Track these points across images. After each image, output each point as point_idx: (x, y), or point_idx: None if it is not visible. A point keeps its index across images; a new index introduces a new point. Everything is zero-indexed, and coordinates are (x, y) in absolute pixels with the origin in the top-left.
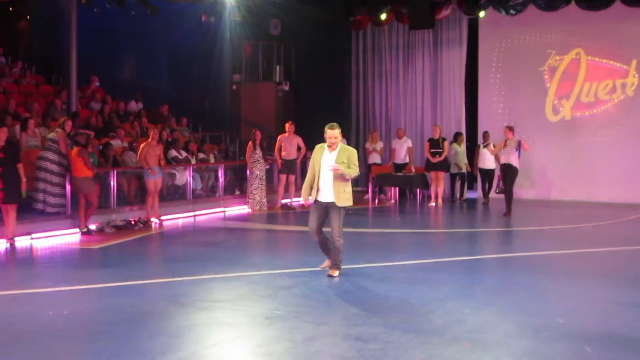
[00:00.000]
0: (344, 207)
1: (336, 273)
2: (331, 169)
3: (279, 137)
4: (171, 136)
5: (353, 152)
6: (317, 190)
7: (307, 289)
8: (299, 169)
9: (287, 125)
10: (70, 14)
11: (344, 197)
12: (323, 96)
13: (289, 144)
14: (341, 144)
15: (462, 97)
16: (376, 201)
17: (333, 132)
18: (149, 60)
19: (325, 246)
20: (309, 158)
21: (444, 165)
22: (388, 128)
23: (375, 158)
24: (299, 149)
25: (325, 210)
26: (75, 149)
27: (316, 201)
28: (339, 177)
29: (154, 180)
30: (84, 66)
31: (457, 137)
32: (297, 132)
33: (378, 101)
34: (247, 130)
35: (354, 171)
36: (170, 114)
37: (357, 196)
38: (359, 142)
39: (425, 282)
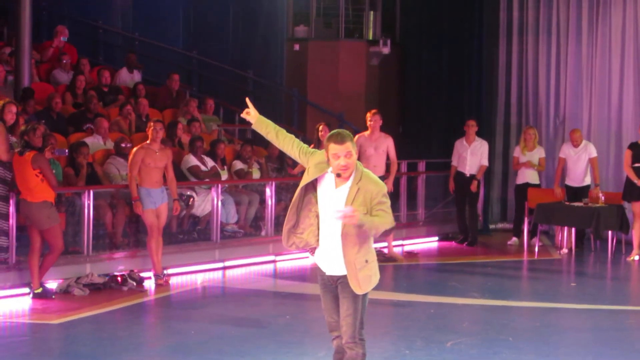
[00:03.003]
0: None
1: None
2: (339, 216)
3: (356, 137)
4: (188, 132)
5: (378, 187)
6: (316, 245)
7: None
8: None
9: (368, 115)
10: None
11: (364, 276)
12: (448, 66)
13: (372, 149)
14: (359, 168)
15: None
16: (536, 249)
17: (343, 147)
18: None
19: None
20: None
21: None
22: (561, 125)
23: (529, 176)
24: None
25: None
26: (27, 155)
27: (319, 270)
28: (356, 232)
29: (155, 209)
30: (44, 8)
31: None
32: (403, 128)
33: (544, 76)
34: (319, 121)
35: (384, 220)
36: (188, 92)
37: (499, 240)
38: (508, 144)
39: None
